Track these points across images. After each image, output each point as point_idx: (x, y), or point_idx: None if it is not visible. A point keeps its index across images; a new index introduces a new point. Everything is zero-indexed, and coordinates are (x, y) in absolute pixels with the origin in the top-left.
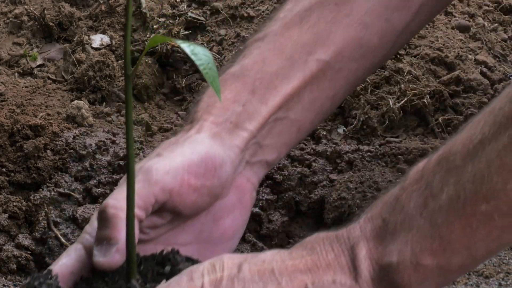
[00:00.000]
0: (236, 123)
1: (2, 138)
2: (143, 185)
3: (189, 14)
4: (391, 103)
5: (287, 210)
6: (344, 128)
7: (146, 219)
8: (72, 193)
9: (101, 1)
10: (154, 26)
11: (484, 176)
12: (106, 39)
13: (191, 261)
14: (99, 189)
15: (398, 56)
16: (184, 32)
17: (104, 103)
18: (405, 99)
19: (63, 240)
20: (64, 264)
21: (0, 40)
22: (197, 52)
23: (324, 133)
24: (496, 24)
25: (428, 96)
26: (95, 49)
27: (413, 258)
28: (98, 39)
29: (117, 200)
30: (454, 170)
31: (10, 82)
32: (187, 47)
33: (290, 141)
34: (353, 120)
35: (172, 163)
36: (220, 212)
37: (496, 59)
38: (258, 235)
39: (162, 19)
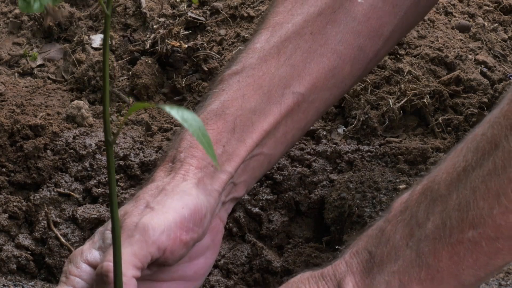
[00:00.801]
0: None
1: (2, 138)
2: (141, 246)
3: (189, 14)
4: (391, 103)
5: (287, 210)
6: (344, 128)
7: None
8: (72, 193)
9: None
10: (154, 26)
11: (469, 203)
12: None
13: None
14: (99, 189)
15: (398, 56)
16: (184, 32)
17: None
18: (405, 99)
19: (63, 240)
20: None
21: (0, 40)
22: (186, 118)
23: (324, 133)
24: (496, 24)
25: (428, 96)
26: (95, 49)
27: None
28: (98, 39)
29: None
30: (439, 199)
31: (10, 82)
32: (176, 113)
33: (260, 174)
34: (353, 120)
35: (166, 220)
36: (195, 253)
37: (496, 59)
38: (258, 235)
39: (162, 19)
